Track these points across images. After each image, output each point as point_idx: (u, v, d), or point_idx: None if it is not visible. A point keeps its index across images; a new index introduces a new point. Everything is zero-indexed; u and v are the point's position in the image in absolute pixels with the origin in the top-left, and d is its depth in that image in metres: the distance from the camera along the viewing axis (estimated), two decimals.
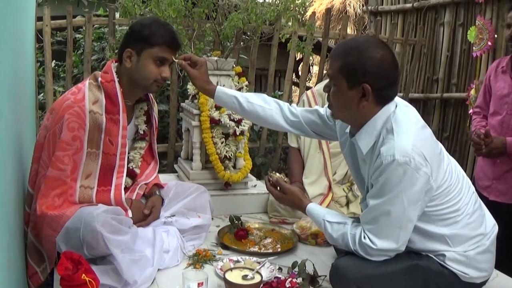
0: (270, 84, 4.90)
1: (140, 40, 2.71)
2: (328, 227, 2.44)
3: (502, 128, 3.52)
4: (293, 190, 2.66)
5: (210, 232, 3.25)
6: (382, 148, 2.22)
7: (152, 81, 2.75)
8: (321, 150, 3.75)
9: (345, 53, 2.27)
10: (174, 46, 2.77)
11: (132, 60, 2.74)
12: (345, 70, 2.25)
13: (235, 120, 3.69)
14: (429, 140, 2.30)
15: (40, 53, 4.46)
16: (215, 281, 2.64)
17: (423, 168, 2.16)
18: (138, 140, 3.02)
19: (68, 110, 2.59)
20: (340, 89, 2.29)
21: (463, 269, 2.31)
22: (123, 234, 2.51)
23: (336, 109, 2.40)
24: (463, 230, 2.33)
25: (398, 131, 2.22)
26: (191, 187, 3.17)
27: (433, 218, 2.31)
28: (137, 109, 3.00)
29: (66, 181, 2.58)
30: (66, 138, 2.57)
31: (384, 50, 2.25)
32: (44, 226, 2.49)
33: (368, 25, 7.34)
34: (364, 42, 2.29)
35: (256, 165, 4.72)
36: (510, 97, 3.51)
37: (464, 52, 5.56)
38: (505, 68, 3.60)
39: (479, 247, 2.34)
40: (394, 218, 2.22)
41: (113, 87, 2.74)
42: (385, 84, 2.25)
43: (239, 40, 4.13)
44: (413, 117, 2.33)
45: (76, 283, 2.11)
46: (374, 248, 2.27)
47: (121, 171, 2.82)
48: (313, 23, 4.40)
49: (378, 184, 2.24)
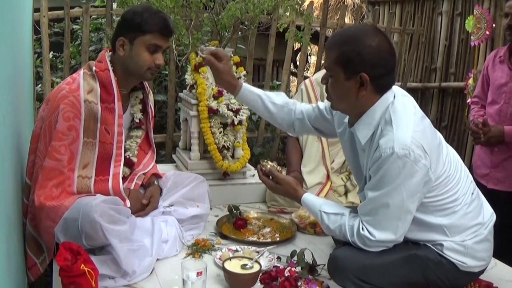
0: (268, 74, 4.90)
1: (132, 28, 2.70)
2: (325, 218, 2.44)
3: (500, 117, 3.56)
4: (287, 180, 2.64)
5: (209, 221, 3.26)
6: (381, 140, 2.21)
7: (146, 69, 2.75)
8: (319, 138, 3.74)
9: (340, 43, 2.25)
10: (166, 33, 2.76)
11: (125, 49, 2.73)
12: (341, 60, 2.22)
13: (233, 109, 3.69)
14: (428, 131, 2.29)
15: (38, 44, 4.44)
16: (214, 271, 2.65)
17: (422, 160, 2.16)
18: (134, 128, 3.02)
19: (63, 100, 2.60)
20: (338, 80, 2.27)
21: (461, 259, 2.31)
22: (122, 224, 2.51)
23: (335, 101, 2.39)
24: (461, 220, 2.33)
25: (397, 123, 2.21)
26: (189, 177, 3.18)
27: (431, 208, 2.31)
28: (132, 97, 3.00)
29: (63, 171, 2.59)
30: (61, 128, 2.57)
31: (380, 37, 2.23)
32: (42, 217, 2.50)
33: (366, 15, 7.32)
34: (359, 31, 2.27)
35: (255, 154, 4.72)
36: (508, 86, 3.54)
37: (462, 42, 5.56)
38: (503, 58, 3.62)
39: (477, 236, 2.34)
40: (393, 210, 2.22)
41: (108, 75, 2.74)
42: (383, 72, 2.23)
43: (237, 30, 4.11)
44: (411, 108, 2.32)
45: (75, 273, 2.11)
46: (373, 240, 2.27)
47: (118, 160, 2.83)
48: (311, 12, 4.37)
49: (377, 176, 2.23)
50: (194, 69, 3.74)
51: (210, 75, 3.74)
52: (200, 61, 3.71)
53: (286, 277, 2.47)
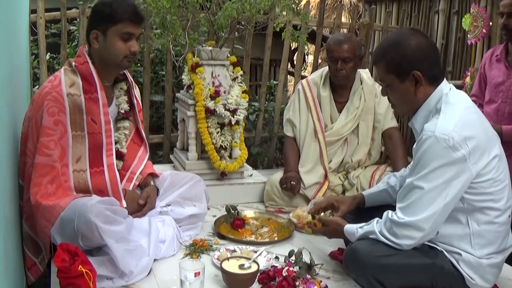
0: (265, 73, 4.90)
1: (103, 19, 2.71)
2: (359, 231, 2.46)
3: (498, 115, 3.57)
4: (333, 220, 2.71)
5: (207, 222, 3.26)
6: (426, 124, 2.28)
7: (122, 57, 2.75)
8: (317, 138, 3.74)
9: (383, 53, 2.40)
10: (137, 19, 2.76)
11: (99, 41, 2.74)
12: (390, 67, 2.37)
13: (230, 109, 3.70)
14: (478, 125, 2.31)
15: (35, 45, 4.43)
16: (212, 271, 2.66)
17: (461, 149, 2.17)
18: (120, 120, 3.01)
19: (47, 96, 2.63)
20: (395, 86, 2.41)
21: (472, 275, 2.31)
22: (118, 224, 2.52)
23: (398, 105, 2.51)
24: (490, 234, 2.32)
25: (445, 112, 2.28)
26: (186, 177, 3.18)
27: (469, 206, 2.29)
28: (116, 89, 3.00)
29: (54, 165, 2.60)
30: (47, 123, 2.59)
31: (415, 35, 2.38)
32: (38, 216, 2.50)
33: (363, 14, 7.33)
34: (395, 37, 2.43)
35: (252, 154, 4.72)
36: (505, 85, 3.55)
37: (459, 40, 5.56)
38: (500, 57, 3.63)
39: (493, 259, 2.34)
40: (427, 194, 2.22)
41: (87, 67, 2.76)
42: (430, 64, 2.36)
43: (234, 30, 4.12)
44: (467, 101, 2.39)
45: (73, 274, 2.11)
46: (401, 222, 2.26)
47: (109, 149, 2.84)
48: (307, 12, 4.38)
49: (415, 159, 2.29)
50: (191, 70, 3.74)
51: (207, 75, 3.74)
52: (197, 61, 3.71)
53: (284, 277, 2.47)
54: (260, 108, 4.88)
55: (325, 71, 3.83)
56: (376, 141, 3.85)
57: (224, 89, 3.79)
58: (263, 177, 3.98)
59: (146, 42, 4.29)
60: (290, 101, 3.98)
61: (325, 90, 3.79)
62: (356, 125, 3.76)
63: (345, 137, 3.77)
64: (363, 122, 3.75)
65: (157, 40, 3.86)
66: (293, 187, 3.59)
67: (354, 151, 3.81)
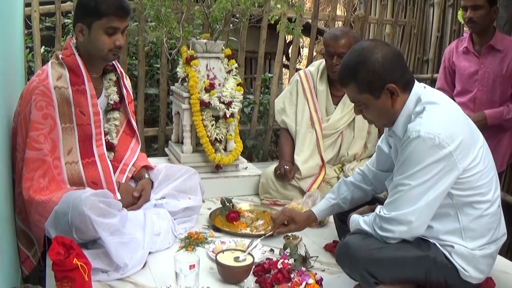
0: (260, 66, 4.89)
1: (88, 13, 2.69)
2: (361, 221, 2.43)
3: (475, 104, 3.76)
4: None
5: (202, 214, 3.26)
6: (410, 124, 2.25)
7: (107, 51, 2.74)
8: (314, 129, 3.74)
9: (352, 74, 2.31)
10: (122, 14, 2.73)
11: (84, 34, 2.73)
12: (363, 87, 2.29)
13: (225, 102, 3.69)
14: (460, 119, 2.31)
15: (29, 39, 4.42)
16: (207, 264, 2.66)
17: (447, 146, 2.16)
18: (110, 111, 3.01)
19: (34, 91, 2.63)
20: (370, 104, 2.34)
21: (466, 266, 2.30)
22: (112, 217, 2.52)
23: (377, 121, 2.46)
24: (481, 226, 2.31)
25: (429, 110, 2.24)
26: (181, 169, 3.18)
27: (458, 202, 2.29)
28: (105, 80, 3.00)
29: (45, 159, 2.60)
30: (36, 117, 2.59)
31: (378, 47, 2.29)
32: (31, 211, 2.51)
33: (358, 7, 7.31)
34: (359, 54, 2.31)
35: (247, 147, 4.72)
36: (479, 74, 3.74)
37: (454, 33, 5.55)
38: (467, 49, 3.81)
39: (486, 250, 2.33)
40: (414, 192, 2.21)
41: (74, 59, 2.75)
42: (401, 72, 2.30)
43: (228, 23, 4.11)
44: (445, 97, 2.38)
45: (68, 267, 2.11)
46: (387, 217, 2.25)
47: (99, 139, 2.84)
48: (302, 4, 4.38)
49: (402, 159, 2.26)
50: (185, 62, 3.73)
51: (202, 67, 3.74)
52: (191, 54, 3.70)
53: (279, 269, 2.47)
54: (255, 101, 4.88)
55: (322, 65, 3.83)
56: (373, 134, 3.85)
57: (218, 81, 3.78)
58: (258, 170, 3.99)
59: (141, 35, 4.28)
60: (285, 91, 3.97)
61: (322, 84, 3.79)
62: (352, 119, 3.76)
63: (340, 131, 3.77)
64: (359, 116, 3.74)
65: (151, 33, 3.85)
66: (286, 172, 3.59)
67: (350, 144, 3.82)
